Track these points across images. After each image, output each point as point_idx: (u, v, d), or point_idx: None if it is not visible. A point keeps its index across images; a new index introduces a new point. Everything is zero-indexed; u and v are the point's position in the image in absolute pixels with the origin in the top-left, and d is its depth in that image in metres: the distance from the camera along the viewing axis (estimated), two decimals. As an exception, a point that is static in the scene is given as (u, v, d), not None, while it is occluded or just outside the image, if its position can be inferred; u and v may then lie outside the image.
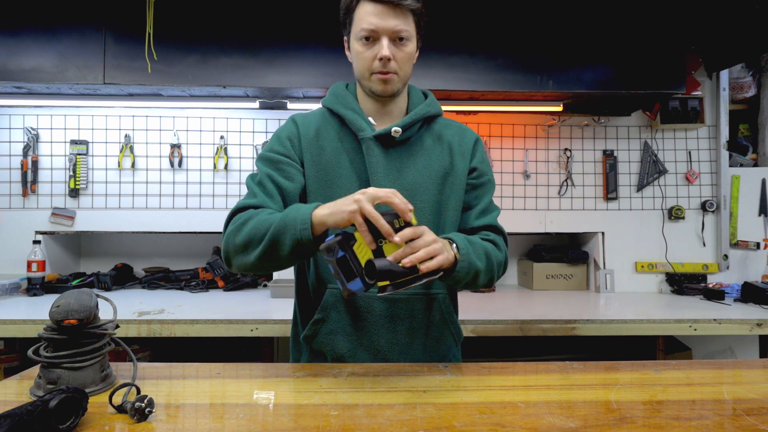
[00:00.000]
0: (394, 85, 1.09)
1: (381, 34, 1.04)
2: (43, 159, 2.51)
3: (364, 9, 1.04)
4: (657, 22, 2.17)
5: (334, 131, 1.15)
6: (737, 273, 2.59)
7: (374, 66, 1.06)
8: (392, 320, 1.10)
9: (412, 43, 1.09)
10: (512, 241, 2.85)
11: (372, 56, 1.06)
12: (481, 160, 1.20)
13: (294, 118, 1.17)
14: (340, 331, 1.10)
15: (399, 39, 1.05)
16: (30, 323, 1.77)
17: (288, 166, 1.09)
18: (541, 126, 2.66)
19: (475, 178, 1.19)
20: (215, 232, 2.56)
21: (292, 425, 0.76)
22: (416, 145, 1.15)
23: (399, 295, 1.08)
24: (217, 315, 1.87)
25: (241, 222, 1.00)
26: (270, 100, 2.35)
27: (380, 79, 1.07)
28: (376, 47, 1.05)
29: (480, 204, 1.19)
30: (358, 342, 1.10)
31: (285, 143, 1.12)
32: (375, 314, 1.10)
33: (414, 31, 1.08)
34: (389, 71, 1.06)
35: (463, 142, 1.19)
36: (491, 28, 2.14)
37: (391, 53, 1.04)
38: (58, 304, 0.87)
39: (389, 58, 1.04)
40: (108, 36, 2.05)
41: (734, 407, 0.84)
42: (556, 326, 1.88)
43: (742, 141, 2.75)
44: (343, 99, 1.15)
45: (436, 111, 1.19)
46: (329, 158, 1.12)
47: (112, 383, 0.92)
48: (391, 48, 1.04)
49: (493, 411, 0.82)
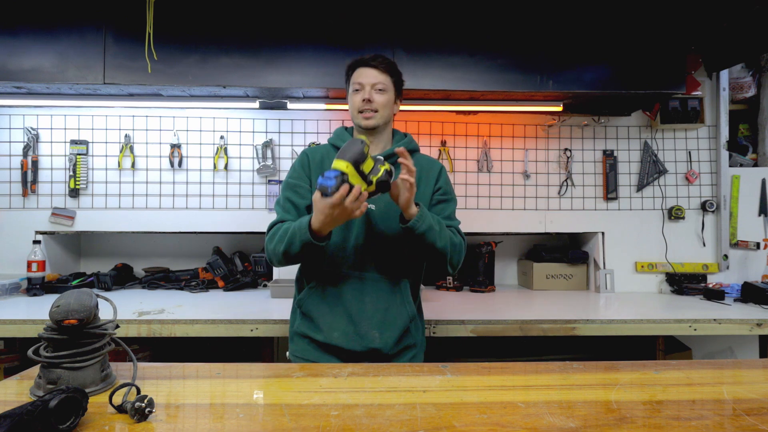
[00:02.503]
0: (375, 120, 1.46)
1: (365, 86, 1.46)
2: (43, 159, 2.51)
3: (357, 72, 1.49)
4: (657, 22, 2.17)
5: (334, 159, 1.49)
6: (737, 273, 2.59)
7: (360, 106, 1.46)
8: (362, 293, 1.44)
9: (388, 93, 1.48)
10: (512, 241, 2.85)
11: (359, 100, 1.46)
12: (445, 182, 1.55)
13: (306, 150, 1.56)
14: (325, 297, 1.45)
15: (378, 89, 1.46)
16: (30, 323, 1.77)
17: (299, 188, 1.48)
18: (541, 126, 2.66)
19: (441, 195, 1.52)
20: (215, 232, 2.57)
21: (292, 425, 0.76)
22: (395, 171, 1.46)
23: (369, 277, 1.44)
24: (217, 315, 1.87)
25: (272, 233, 1.42)
26: (270, 100, 2.35)
27: (363, 116, 1.46)
28: (362, 93, 1.46)
29: (446, 212, 1.51)
30: (336, 307, 1.44)
31: (299, 170, 1.51)
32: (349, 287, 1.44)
33: (391, 86, 1.49)
34: (370, 109, 1.45)
35: (430, 168, 1.54)
36: (491, 29, 2.14)
37: (370, 96, 1.45)
38: (58, 304, 0.87)
39: (369, 100, 1.44)
40: (108, 36, 2.05)
41: (734, 407, 0.84)
42: (556, 326, 1.88)
43: (742, 141, 2.75)
44: (342, 137, 1.54)
45: (413, 147, 1.54)
46: None
47: (112, 383, 0.92)
48: (371, 93, 1.45)
49: (493, 411, 0.82)
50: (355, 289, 1.44)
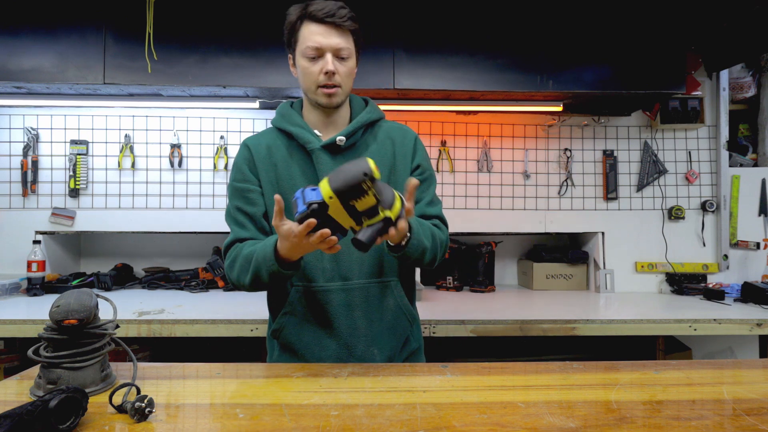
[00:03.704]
0: (338, 98, 1.20)
1: (325, 51, 1.15)
2: (43, 159, 2.50)
3: (308, 29, 1.15)
4: (657, 22, 2.17)
5: (283, 147, 1.25)
6: (737, 273, 2.59)
7: (320, 80, 1.16)
8: (349, 308, 1.19)
9: (352, 60, 1.20)
10: (512, 241, 2.85)
11: (318, 71, 1.16)
12: (423, 157, 1.31)
13: (246, 142, 1.29)
14: (305, 323, 1.21)
15: (341, 57, 1.17)
16: (30, 323, 1.77)
17: (249, 193, 1.22)
18: (541, 126, 2.66)
19: (419, 174, 1.28)
20: (215, 232, 2.56)
21: (292, 425, 0.76)
22: (361, 149, 1.25)
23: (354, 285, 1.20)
24: (217, 315, 1.87)
25: (231, 259, 1.18)
26: (270, 100, 2.35)
27: (325, 93, 1.18)
28: (321, 63, 1.16)
29: (427, 196, 1.29)
30: (321, 331, 1.20)
31: (243, 169, 1.25)
32: (334, 304, 1.19)
33: (353, 50, 1.20)
34: (334, 84, 1.17)
35: (404, 142, 1.29)
36: (491, 29, 2.14)
37: (334, 68, 1.15)
38: (58, 304, 0.87)
39: (333, 72, 1.15)
40: (108, 36, 2.05)
41: (734, 407, 0.84)
42: (556, 326, 1.88)
43: (742, 141, 2.75)
44: (289, 117, 1.26)
45: (377, 116, 1.29)
46: (281, 172, 1.23)
47: (112, 383, 0.92)
48: (334, 63, 1.15)
49: (493, 411, 0.82)
50: (341, 303, 1.19)
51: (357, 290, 1.19)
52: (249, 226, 1.21)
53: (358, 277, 1.20)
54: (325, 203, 0.91)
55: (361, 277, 1.20)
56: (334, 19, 1.13)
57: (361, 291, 1.20)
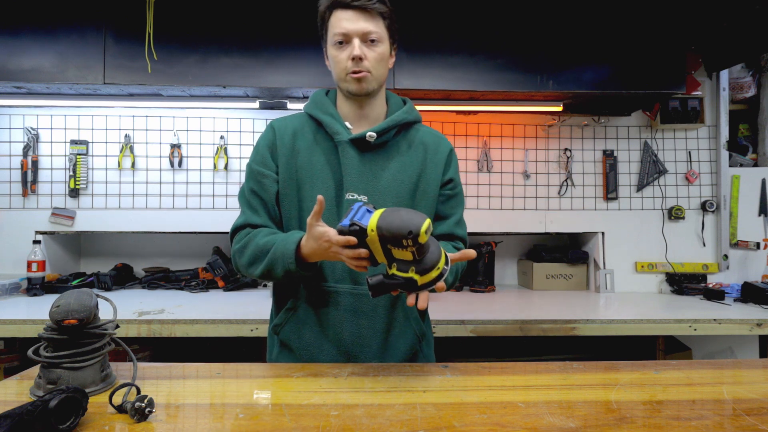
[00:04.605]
0: (369, 84, 1.13)
1: (352, 37, 1.10)
2: (43, 159, 2.50)
3: (336, 17, 1.12)
4: (657, 22, 2.17)
5: (310, 133, 1.20)
6: (737, 273, 2.59)
7: (348, 66, 1.12)
8: (356, 314, 1.14)
9: (383, 45, 1.14)
10: (512, 241, 2.85)
11: (345, 57, 1.11)
12: (456, 172, 1.26)
13: (272, 123, 1.23)
14: (308, 321, 1.16)
15: (370, 41, 1.11)
16: (30, 323, 1.77)
17: (264, 178, 1.18)
18: (541, 126, 2.66)
19: (450, 189, 1.24)
20: (215, 232, 2.56)
21: (292, 425, 0.76)
22: (392, 150, 1.19)
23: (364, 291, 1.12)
24: (217, 315, 1.87)
25: (242, 245, 1.14)
26: (270, 100, 2.35)
27: (354, 77, 1.12)
28: (349, 49, 1.11)
29: (456, 214, 1.25)
30: (322, 334, 1.15)
31: (263, 152, 1.19)
32: (340, 308, 1.14)
33: (385, 34, 1.14)
34: (362, 70, 1.11)
35: (438, 150, 1.23)
36: (491, 28, 2.14)
37: (362, 52, 1.10)
38: (58, 304, 0.87)
39: (361, 57, 1.10)
40: (108, 36, 2.05)
41: (734, 407, 0.84)
42: (556, 326, 1.88)
43: (742, 141, 2.75)
44: (322, 105, 1.21)
45: (414, 118, 1.23)
46: (303, 159, 1.17)
47: (112, 383, 0.92)
48: (362, 48, 1.10)
49: (493, 411, 0.82)
50: (348, 308, 1.13)
51: (367, 297, 1.13)
52: (261, 212, 1.17)
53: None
54: (365, 232, 0.90)
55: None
56: (361, 2, 1.09)
57: (371, 300, 1.14)
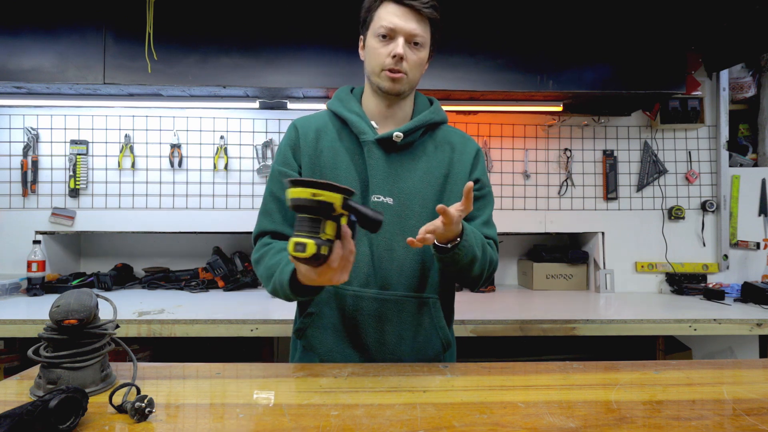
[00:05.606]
0: (402, 86, 1.12)
1: (398, 34, 1.08)
2: (43, 159, 2.50)
3: (385, 9, 1.09)
4: (657, 22, 2.17)
5: (334, 132, 1.17)
6: (737, 273, 2.59)
7: (387, 63, 1.09)
8: (380, 320, 1.11)
9: (425, 50, 1.12)
10: (512, 241, 2.85)
11: (386, 53, 1.08)
12: (483, 172, 1.23)
13: (295, 122, 1.20)
14: (330, 326, 1.13)
15: (414, 43, 1.09)
16: (30, 323, 1.77)
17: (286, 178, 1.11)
18: (541, 126, 2.65)
19: (478, 190, 1.21)
20: (215, 232, 2.56)
21: (292, 425, 0.76)
22: (418, 151, 1.17)
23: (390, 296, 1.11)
24: (217, 315, 1.87)
25: (258, 257, 1.11)
26: (270, 100, 2.35)
27: (390, 77, 1.09)
28: (392, 45, 1.08)
29: (484, 215, 1.22)
30: (346, 339, 1.12)
31: (286, 153, 1.16)
32: (364, 313, 1.11)
33: (428, 40, 1.12)
34: (400, 70, 1.09)
35: (465, 151, 1.21)
36: (492, 28, 2.14)
37: (404, 52, 1.08)
38: (58, 304, 0.87)
39: (402, 57, 1.08)
40: (108, 36, 2.05)
41: (734, 407, 0.84)
42: (556, 326, 1.88)
43: (742, 141, 2.75)
44: (347, 103, 1.18)
45: (441, 118, 1.21)
46: (326, 159, 1.15)
47: (112, 383, 0.92)
48: (405, 48, 1.08)
49: (492, 411, 0.82)
50: (372, 313, 1.10)
51: (392, 302, 1.11)
52: (275, 216, 1.13)
53: (396, 288, 1.11)
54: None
55: (398, 288, 1.11)
56: (415, 3, 1.07)
57: (396, 304, 1.11)
